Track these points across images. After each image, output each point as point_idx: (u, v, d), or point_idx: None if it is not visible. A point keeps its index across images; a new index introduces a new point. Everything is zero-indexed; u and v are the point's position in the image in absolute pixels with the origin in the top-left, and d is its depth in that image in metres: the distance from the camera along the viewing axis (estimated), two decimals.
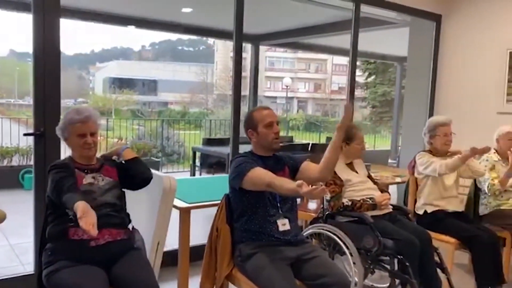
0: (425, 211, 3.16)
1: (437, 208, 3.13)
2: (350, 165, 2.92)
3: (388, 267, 2.60)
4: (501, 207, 3.37)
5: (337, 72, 40.24)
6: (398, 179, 3.79)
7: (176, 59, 48.35)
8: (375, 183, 3.00)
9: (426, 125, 3.28)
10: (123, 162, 2.18)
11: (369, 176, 3.02)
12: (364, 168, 3.00)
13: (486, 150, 2.99)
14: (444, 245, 3.03)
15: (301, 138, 17.02)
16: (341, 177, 2.81)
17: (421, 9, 4.88)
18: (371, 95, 20.89)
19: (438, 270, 2.73)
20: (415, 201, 3.29)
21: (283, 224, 2.21)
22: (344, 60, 32.14)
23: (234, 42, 3.57)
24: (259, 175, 2.05)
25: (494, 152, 3.53)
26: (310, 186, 1.80)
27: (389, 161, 7.75)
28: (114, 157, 2.23)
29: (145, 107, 35.36)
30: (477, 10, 4.81)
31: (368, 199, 2.76)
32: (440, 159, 3.19)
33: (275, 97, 38.66)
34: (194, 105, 36.46)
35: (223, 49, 39.15)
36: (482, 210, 3.48)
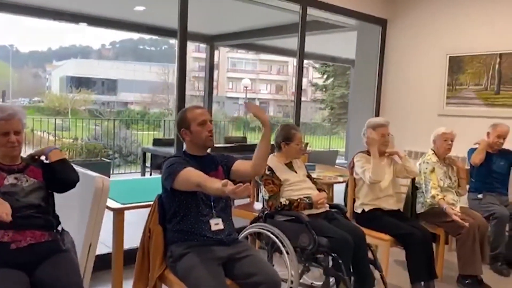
0: (363, 210, 3.26)
1: (374, 207, 3.23)
2: (289, 165, 2.97)
3: (323, 264, 2.66)
4: (436, 206, 3.51)
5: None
6: (340, 179, 3.88)
7: (138, 58, 47.43)
8: (314, 182, 3.06)
9: (365, 126, 3.38)
10: (48, 163, 2.12)
11: (309, 176, 3.08)
12: (304, 168, 3.06)
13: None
14: (380, 242, 3.13)
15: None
16: (280, 177, 2.84)
17: (367, 13, 5.03)
18: (329, 97, 21.27)
19: (372, 267, 2.82)
20: (355, 200, 3.38)
21: (216, 224, 2.22)
22: (304, 62, 32.68)
23: (178, 41, 3.55)
24: (190, 176, 2.04)
25: (433, 153, 3.67)
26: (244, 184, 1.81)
27: (343, 161, 7.93)
28: (42, 158, 2.17)
29: (104, 107, 34.50)
30: (420, 16, 5.01)
31: (305, 199, 2.82)
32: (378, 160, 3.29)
33: (237, 98, 38.63)
34: (155, 106, 35.90)
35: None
36: (419, 208, 3.62)
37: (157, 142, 7.39)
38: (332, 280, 2.70)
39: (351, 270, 2.73)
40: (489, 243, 3.70)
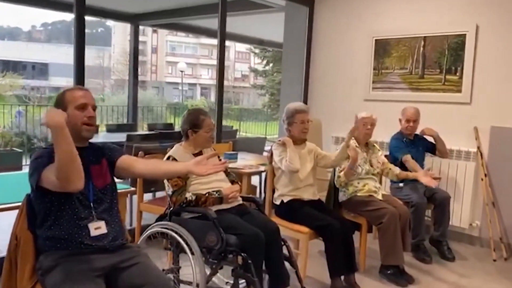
0: (282, 201, 3.04)
1: (293, 198, 3.03)
2: (198, 155, 2.66)
3: (233, 265, 2.41)
4: (358, 194, 3.38)
5: (240, 60, 40.35)
6: (262, 168, 3.64)
7: (72, 41, 44.71)
8: (228, 174, 2.79)
9: (284, 112, 3.15)
10: None
11: None
12: (215, 158, 2.76)
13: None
14: (299, 235, 2.94)
15: None
16: None
17: None
18: (269, 83, 21.15)
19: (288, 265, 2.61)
20: (274, 191, 3.15)
21: (97, 228, 1.88)
22: (244, 47, 32.33)
23: (75, 14, 3.11)
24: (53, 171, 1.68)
25: (352, 139, 3.52)
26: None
27: None
28: None
29: (33, 92, 32.27)
30: None
31: (215, 192, 2.53)
32: (298, 148, 3.08)
33: (177, 83, 37.75)
34: (91, 91, 34.12)
35: (121, 31, 37.08)
36: (341, 197, 3.47)
37: None
38: (243, 281, 2.45)
39: (266, 268, 2.52)
40: (411, 231, 3.64)
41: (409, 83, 4.44)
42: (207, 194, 2.51)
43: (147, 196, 3.72)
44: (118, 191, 2.52)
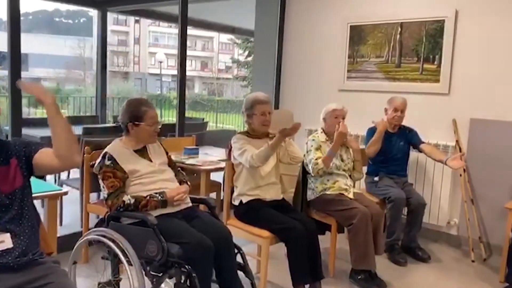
0: (241, 201, 2.75)
1: (253, 197, 2.74)
2: (140, 152, 2.35)
3: (177, 278, 2.11)
4: (327, 192, 3.11)
5: (223, 51, 39.88)
6: (223, 164, 3.34)
7: (53, 31, 43.62)
8: (177, 172, 2.48)
9: (243, 103, 2.84)
10: None
11: (171, 164, 2.49)
12: (163, 154, 2.45)
13: (296, 127, 2.64)
14: (259, 240, 2.65)
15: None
16: (124, 168, 2.22)
17: None
18: (251, 74, 20.81)
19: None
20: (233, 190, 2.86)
21: (0, 242, 1.57)
22: (226, 38, 31.79)
23: None
24: None
25: (322, 132, 3.25)
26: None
27: None
28: None
29: None
30: None
31: (157, 195, 2.22)
32: (260, 141, 2.79)
33: (160, 75, 37.17)
34: (70, 82, 33.39)
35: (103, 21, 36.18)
36: (310, 195, 3.21)
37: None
38: None
39: (217, 279, 2.23)
40: (385, 229, 3.40)
41: (386, 72, 4.17)
42: (148, 197, 2.20)
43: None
44: (47, 193, 2.21)
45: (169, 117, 14.65)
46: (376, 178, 3.53)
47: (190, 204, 2.36)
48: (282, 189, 3.98)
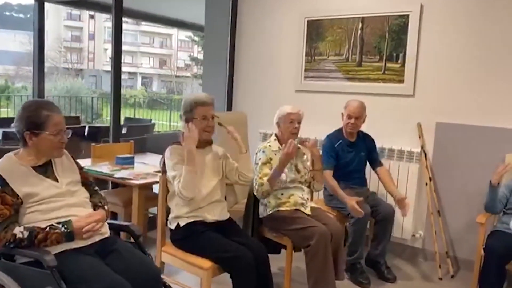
0: (178, 225, 2.29)
1: (193, 219, 2.29)
2: (43, 169, 1.85)
3: None
4: (281, 208, 2.71)
5: (183, 48, 39.02)
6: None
7: (4, 26, 41.21)
8: (92, 193, 1.99)
9: (182, 105, 2.39)
10: None
11: (86, 182, 2.00)
12: (73, 171, 1.96)
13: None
14: (199, 271, 2.20)
15: (144, 116, 15.48)
16: (17, 191, 1.72)
17: None
18: None
19: None
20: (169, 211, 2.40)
21: None
22: (185, 36, 30.95)
23: None
24: None
25: (275, 139, 2.85)
26: None
27: None
28: None
29: None
30: None
31: (60, 225, 1.73)
32: (201, 152, 2.35)
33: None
34: (20, 79, 31.60)
35: (54, 16, 34.62)
36: (262, 211, 2.80)
37: None
38: None
39: None
40: (348, 247, 3.05)
41: (346, 72, 3.83)
42: (47, 228, 1.71)
43: None
44: None
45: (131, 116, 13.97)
46: None
47: (107, 235, 1.89)
48: (234, 201, 3.59)
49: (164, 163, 2.34)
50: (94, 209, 1.90)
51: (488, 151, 3.22)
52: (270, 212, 2.73)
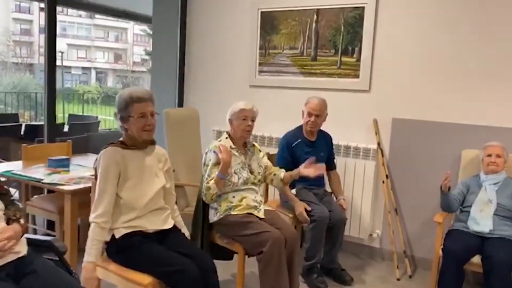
0: (113, 236, 2.05)
1: (130, 231, 2.05)
2: None
3: None
4: (232, 212, 2.51)
5: (139, 43, 37.99)
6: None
7: None
8: (8, 203, 1.72)
9: (116, 102, 2.14)
10: None
11: (1, 192, 1.72)
12: None
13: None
14: None
15: (97, 113, 14.84)
16: None
17: None
18: None
19: None
20: None
21: None
22: (140, 29, 30.07)
23: None
24: None
25: (227, 137, 2.65)
26: None
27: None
28: None
29: None
30: None
31: None
32: (139, 154, 2.12)
33: (70, 67, 34.73)
34: None
35: (2, 8, 32.75)
36: (212, 216, 2.59)
37: None
38: None
39: None
40: (306, 251, 2.90)
41: (301, 66, 3.67)
42: None
43: None
44: None
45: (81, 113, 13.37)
46: (293, 191, 3.01)
47: (24, 253, 1.62)
48: (185, 203, 3.37)
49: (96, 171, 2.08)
50: (8, 223, 1.63)
51: (444, 147, 3.16)
52: (221, 216, 2.53)
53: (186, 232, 2.29)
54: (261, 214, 2.55)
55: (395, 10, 3.26)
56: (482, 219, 2.64)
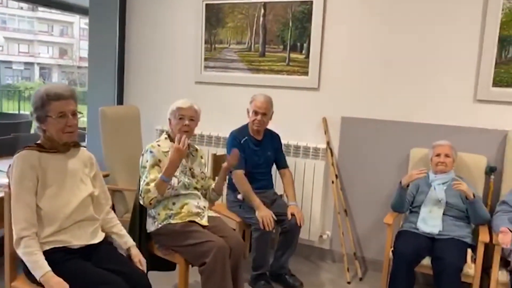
0: None
1: (52, 246, 1.80)
2: None
3: None
4: (172, 220, 2.31)
5: (85, 37, 36.49)
6: None
7: None
8: None
9: (32, 99, 1.87)
10: None
11: None
12: None
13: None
14: None
15: None
16: None
17: None
18: None
19: None
20: None
21: None
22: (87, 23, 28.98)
23: None
24: None
25: (166, 138, 2.45)
26: None
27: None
28: None
29: None
30: None
31: None
32: (59, 158, 1.87)
33: (10, 62, 32.99)
34: None
35: None
36: (150, 225, 2.38)
37: None
38: None
39: None
40: (253, 260, 2.75)
41: (248, 62, 3.51)
42: None
43: None
44: None
45: (24, 110, 12.51)
46: (239, 197, 2.84)
47: None
48: (125, 209, 3.12)
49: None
50: None
51: (393, 146, 3.10)
52: (159, 226, 2.32)
53: (130, 241, 2.05)
54: (204, 222, 2.36)
55: (344, 6, 3.16)
56: (431, 220, 2.60)
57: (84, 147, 2.23)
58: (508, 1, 2.75)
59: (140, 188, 2.26)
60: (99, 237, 1.95)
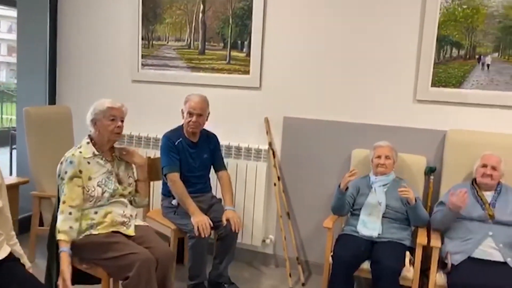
0: None
1: None
2: None
3: None
4: (94, 231, 2.12)
5: None
6: None
7: None
8: None
9: None
10: None
11: None
12: None
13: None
14: None
15: None
16: None
17: None
18: None
19: None
20: None
21: None
22: None
23: None
24: None
25: (88, 143, 2.27)
26: None
27: None
28: None
29: None
30: None
31: None
32: None
33: None
34: None
35: None
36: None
37: None
38: None
39: None
40: (188, 270, 2.60)
41: (188, 60, 3.35)
42: None
43: None
44: None
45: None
46: (174, 202, 2.68)
47: None
48: (52, 218, 2.89)
49: None
50: None
51: (335, 147, 3.03)
52: (80, 237, 2.12)
53: (27, 263, 1.86)
54: (130, 232, 2.19)
55: (285, 3, 3.06)
56: (370, 223, 2.54)
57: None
58: (446, 0, 2.73)
59: (58, 211, 2.06)
60: (4, 252, 1.75)
